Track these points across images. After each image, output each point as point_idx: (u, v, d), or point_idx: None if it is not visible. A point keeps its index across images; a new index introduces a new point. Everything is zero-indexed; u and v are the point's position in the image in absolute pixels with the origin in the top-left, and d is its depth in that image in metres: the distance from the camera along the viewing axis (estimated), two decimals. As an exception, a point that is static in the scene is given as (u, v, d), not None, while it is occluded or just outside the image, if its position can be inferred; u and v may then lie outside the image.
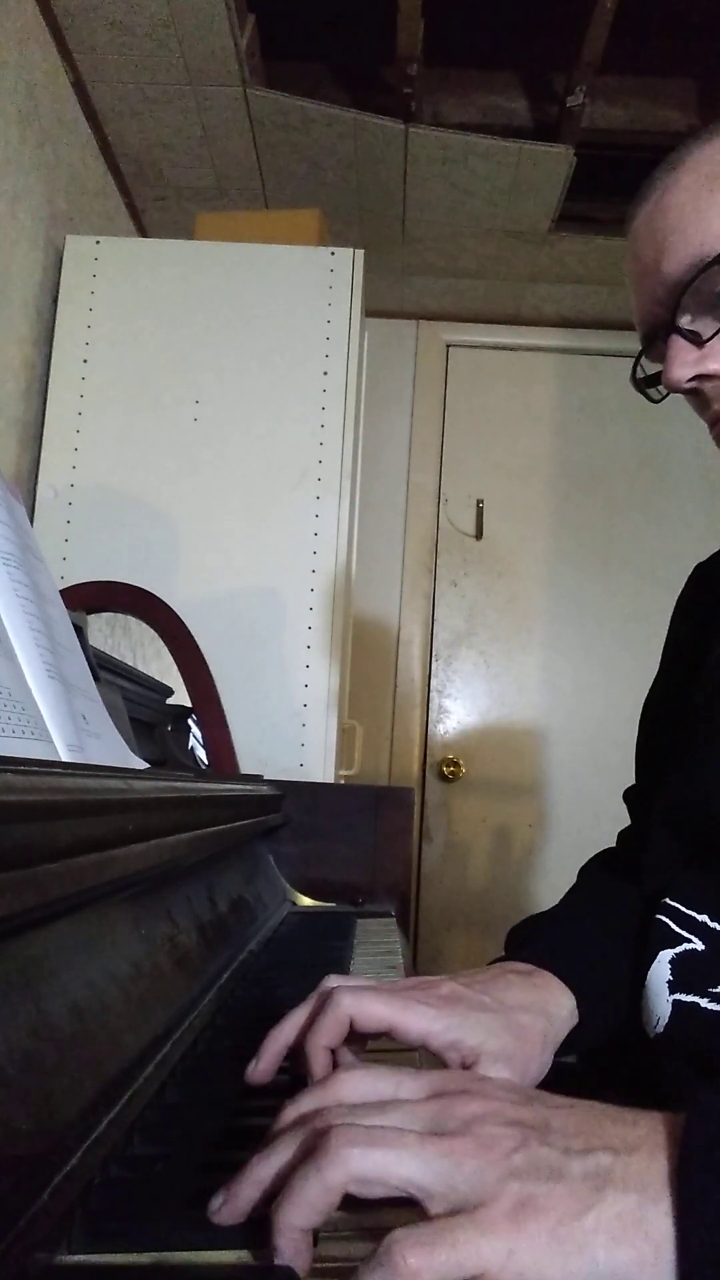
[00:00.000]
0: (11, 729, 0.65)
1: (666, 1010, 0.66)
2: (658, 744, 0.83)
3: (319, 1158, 0.37)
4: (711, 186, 0.65)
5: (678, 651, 0.85)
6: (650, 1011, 0.67)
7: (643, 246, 0.70)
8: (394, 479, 2.87)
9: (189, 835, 0.74)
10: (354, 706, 2.10)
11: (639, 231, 0.71)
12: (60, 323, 1.90)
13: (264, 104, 2.04)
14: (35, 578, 0.80)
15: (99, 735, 0.83)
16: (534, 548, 2.87)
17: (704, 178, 0.66)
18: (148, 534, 1.84)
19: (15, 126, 1.76)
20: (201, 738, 1.71)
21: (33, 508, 1.85)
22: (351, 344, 1.89)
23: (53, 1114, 0.42)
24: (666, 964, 0.66)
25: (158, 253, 1.96)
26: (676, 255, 0.67)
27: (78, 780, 0.52)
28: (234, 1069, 0.64)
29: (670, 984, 0.66)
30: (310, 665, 1.80)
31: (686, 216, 0.66)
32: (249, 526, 1.84)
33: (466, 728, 2.82)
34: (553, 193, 2.28)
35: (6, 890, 0.39)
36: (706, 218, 0.65)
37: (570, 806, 2.74)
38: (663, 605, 0.96)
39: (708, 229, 0.65)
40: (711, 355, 0.67)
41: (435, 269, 2.69)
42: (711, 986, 0.64)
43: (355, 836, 1.46)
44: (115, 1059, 0.52)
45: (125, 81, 1.99)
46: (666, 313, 0.68)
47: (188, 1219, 0.41)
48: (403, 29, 1.85)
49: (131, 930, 0.63)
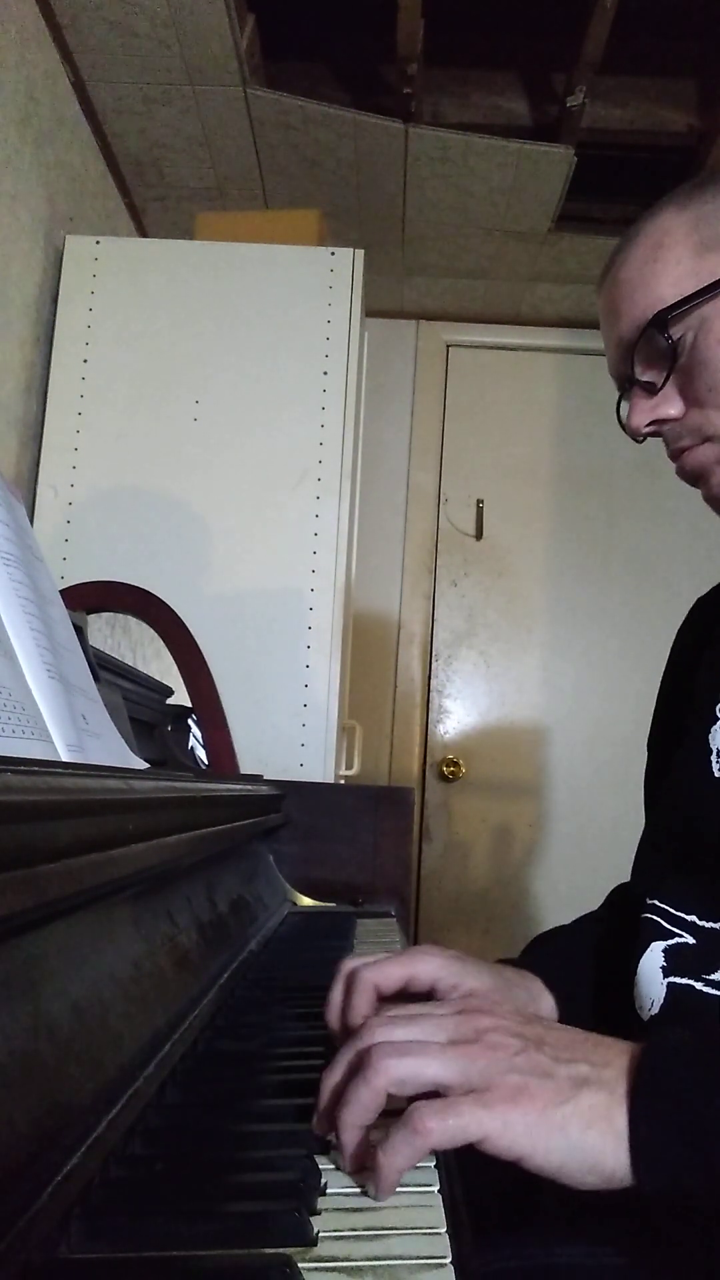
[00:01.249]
0: (11, 729, 0.65)
1: (661, 993, 0.71)
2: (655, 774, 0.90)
3: (365, 1069, 0.48)
4: (655, 256, 0.75)
5: (673, 683, 0.91)
6: (644, 996, 0.72)
7: (604, 314, 0.81)
8: (394, 479, 2.87)
9: (189, 835, 0.74)
10: (354, 706, 2.10)
11: (601, 301, 0.81)
12: (60, 323, 1.90)
13: (264, 104, 2.04)
14: (35, 578, 0.80)
15: (99, 735, 0.83)
16: (534, 548, 2.88)
17: (649, 248, 0.76)
18: (148, 534, 1.84)
19: (15, 126, 1.76)
20: (201, 738, 1.71)
21: (33, 508, 1.85)
22: (351, 344, 1.89)
23: (53, 1114, 0.42)
24: (660, 952, 0.72)
25: (158, 253, 1.96)
26: (628, 319, 0.77)
27: (78, 780, 0.52)
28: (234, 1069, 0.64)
29: (664, 969, 0.72)
30: (310, 665, 1.80)
31: (635, 286, 0.76)
32: (249, 526, 1.84)
33: (466, 728, 2.82)
34: (553, 193, 2.28)
35: (6, 890, 0.39)
36: (650, 285, 0.75)
37: (570, 806, 2.74)
38: (663, 605, 0.96)
39: (651, 294, 0.75)
40: (665, 402, 0.77)
41: (435, 269, 2.69)
42: (705, 973, 0.69)
43: (355, 836, 1.46)
44: (115, 1059, 0.52)
45: (125, 81, 1.99)
46: (627, 368, 0.78)
47: (187, 1218, 0.41)
48: (403, 29, 1.85)
49: (131, 930, 0.63)
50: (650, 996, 0.72)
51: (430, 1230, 0.44)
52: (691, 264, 0.74)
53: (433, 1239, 0.43)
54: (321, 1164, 0.49)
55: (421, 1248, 0.42)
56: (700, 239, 0.74)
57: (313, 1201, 0.45)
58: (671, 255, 0.75)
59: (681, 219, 0.75)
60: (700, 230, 0.74)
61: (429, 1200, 0.47)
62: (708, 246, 0.74)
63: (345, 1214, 0.45)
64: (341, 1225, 0.43)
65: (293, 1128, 0.53)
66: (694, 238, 0.74)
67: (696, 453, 0.77)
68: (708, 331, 0.73)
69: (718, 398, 0.73)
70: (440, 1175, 0.49)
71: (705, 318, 0.73)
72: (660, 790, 0.84)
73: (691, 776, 0.76)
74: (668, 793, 0.82)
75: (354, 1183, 0.47)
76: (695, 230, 0.74)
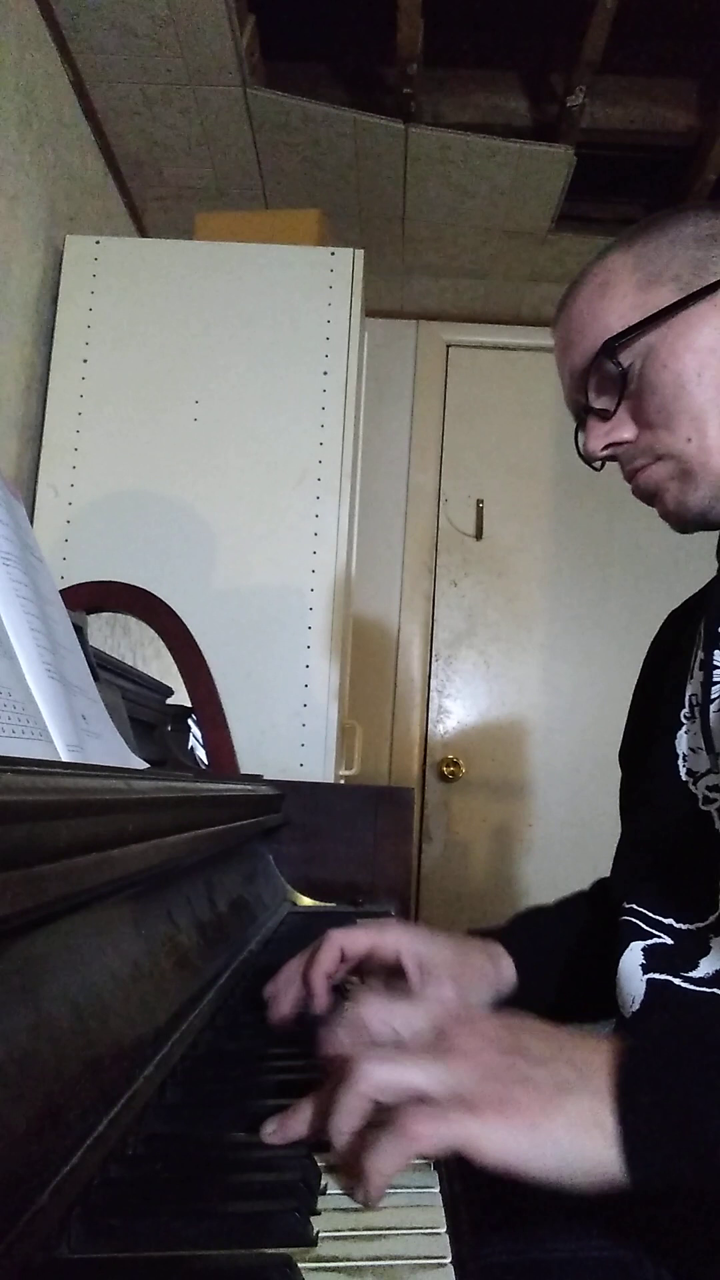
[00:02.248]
0: (11, 729, 0.65)
1: (641, 989, 0.75)
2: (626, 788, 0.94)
3: (350, 1075, 0.48)
4: (603, 293, 0.82)
5: (643, 696, 0.95)
6: (625, 993, 0.76)
7: (558, 350, 0.87)
8: (394, 479, 2.87)
9: (189, 835, 0.74)
10: (354, 706, 2.10)
11: (555, 338, 0.88)
12: (60, 323, 1.90)
13: (264, 104, 2.04)
14: (35, 578, 0.80)
15: (99, 735, 0.83)
16: (534, 548, 2.87)
17: (597, 286, 0.82)
18: (148, 534, 1.84)
19: (15, 126, 1.76)
20: (201, 738, 1.71)
21: (33, 508, 1.85)
22: (351, 344, 1.89)
23: (53, 1114, 0.42)
24: (639, 951, 0.76)
25: (158, 253, 1.95)
26: (579, 351, 0.83)
27: (78, 780, 0.52)
28: (234, 1069, 0.64)
29: (644, 966, 0.75)
30: (310, 665, 1.80)
31: (585, 320, 0.82)
32: (249, 526, 1.84)
33: (466, 728, 2.82)
34: (553, 193, 2.28)
35: (6, 890, 0.39)
36: (599, 318, 0.81)
37: (569, 806, 2.74)
38: (662, 606, 0.97)
39: (600, 325, 0.81)
40: (618, 426, 0.82)
41: (435, 269, 2.68)
42: (684, 971, 0.73)
43: (355, 836, 1.46)
44: (115, 1059, 0.52)
45: (125, 81, 1.99)
46: (581, 397, 0.84)
47: (187, 1217, 0.41)
48: (403, 29, 1.85)
49: (131, 930, 0.63)
50: (631, 993, 0.75)
51: (430, 1230, 0.44)
52: (635, 298, 0.80)
53: (432, 1239, 0.43)
54: (322, 1164, 0.49)
55: (421, 1248, 0.42)
56: (643, 275, 0.80)
57: (313, 1201, 0.45)
58: (617, 291, 0.81)
59: (625, 258, 0.82)
60: (642, 268, 0.80)
61: (429, 1200, 0.47)
62: (650, 281, 0.80)
63: (345, 1214, 0.45)
64: (341, 1225, 0.43)
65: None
66: (637, 275, 0.81)
67: (650, 471, 0.82)
68: (654, 358, 0.78)
69: (667, 419, 0.78)
70: (440, 1174, 0.49)
71: (651, 345, 0.78)
72: (633, 798, 0.88)
73: (662, 782, 0.80)
74: (640, 799, 0.85)
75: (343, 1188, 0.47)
76: (638, 268, 0.81)
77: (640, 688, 0.96)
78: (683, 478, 0.80)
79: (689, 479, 0.79)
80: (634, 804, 0.88)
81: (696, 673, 0.80)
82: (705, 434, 0.77)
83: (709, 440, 0.77)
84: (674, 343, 0.78)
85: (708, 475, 0.78)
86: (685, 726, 0.80)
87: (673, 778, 0.79)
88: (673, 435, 0.79)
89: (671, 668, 0.87)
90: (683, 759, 0.80)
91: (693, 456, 0.78)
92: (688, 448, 0.78)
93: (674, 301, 0.78)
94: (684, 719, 0.81)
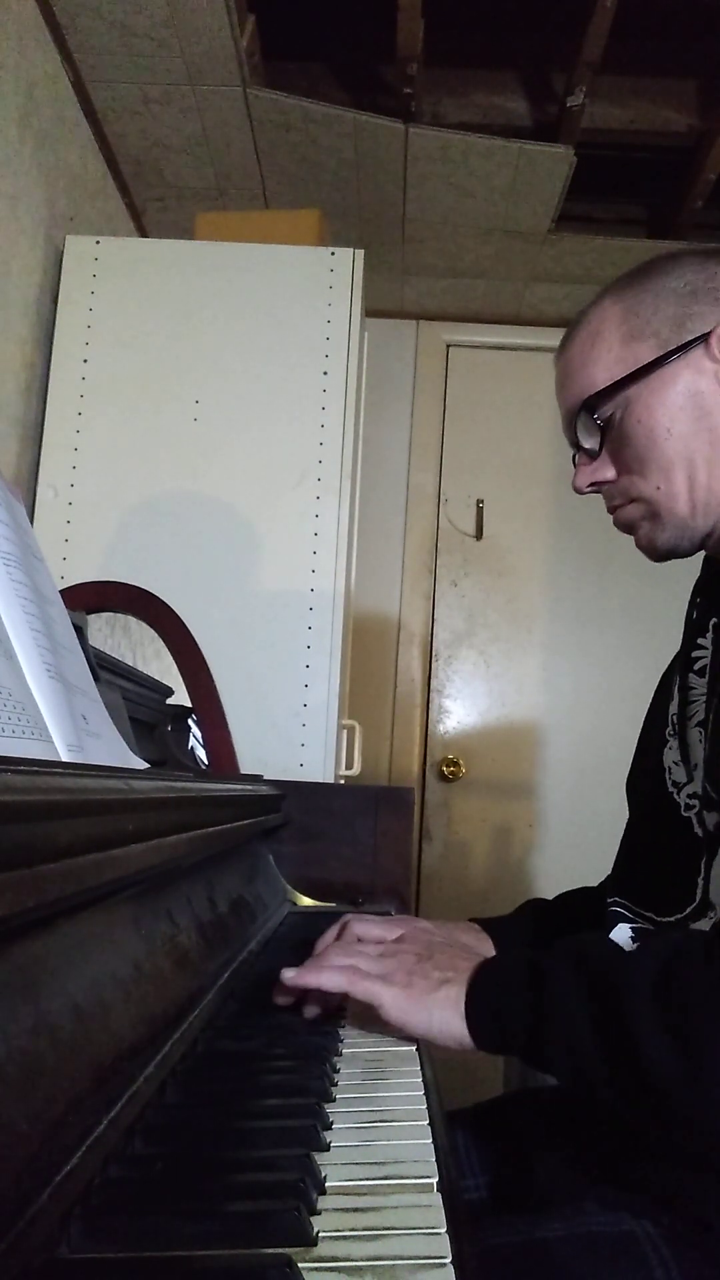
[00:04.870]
0: (11, 729, 0.65)
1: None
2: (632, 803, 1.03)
3: (324, 958, 0.77)
4: (594, 342, 0.88)
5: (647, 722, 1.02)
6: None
7: (557, 387, 0.94)
8: (394, 479, 2.87)
9: (189, 835, 0.74)
10: (354, 706, 2.10)
11: (556, 374, 0.94)
12: (60, 323, 1.90)
13: (264, 104, 2.04)
14: (35, 578, 0.80)
15: (99, 735, 0.83)
16: (534, 548, 2.87)
17: (588, 335, 0.89)
18: (148, 534, 1.84)
19: (15, 126, 1.76)
20: (201, 738, 1.71)
21: (33, 508, 1.85)
22: (351, 344, 1.89)
23: (53, 1114, 0.42)
24: (627, 928, 0.89)
25: (158, 253, 1.95)
26: (569, 396, 0.91)
27: (78, 780, 0.52)
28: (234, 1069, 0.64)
29: (632, 939, 0.88)
30: (310, 665, 1.80)
31: (575, 367, 0.90)
32: (249, 526, 1.84)
33: (466, 728, 2.82)
34: (553, 193, 2.28)
35: (6, 890, 0.39)
36: (587, 369, 0.88)
37: (570, 806, 2.74)
38: (662, 605, 0.98)
39: (586, 377, 0.88)
40: (602, 467, 0.90)
41: (435, 269, 2.68)
42: None
43: (355, 836, 1.46)
44: (115, 1059, 0.52)
45: (125, 81, 1.99)
46: (571, 434, 0.91)
47: (187, 1217, 0.41)
48: (403, 29, 1.85)
49: (131, 930, 0.63)
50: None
51: (430, 1230, 0.44)
52: (620, 351, 0.86)
53: (432, 1239, 0.43)
54: (321, 1163, 0.49)
55: (421, 1248, 0.42)
56: (629, 329, 0.86)
57: (313, 1201, 0.45)
58: (604, 343, 0.88)
59: (615, 309, 0.88)
60: (629, 321, 0.87)
61: (429, 1200, 0.47)
62: (634, 336, 0.86)
63: (345, 1214, 0.45)
64: (341, 1225, 0.43)
65: (293, 1127, 0.53)
66: (624, 328, 0.87)
67: (626, 510, 0.90)
68: (630, 412, 0.85)
69: (640, 466, 0.86)
70: (440, 1171, 0.50)
71: (629, 399, 0.85)
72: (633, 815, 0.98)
73: (651, 793, 0.90)
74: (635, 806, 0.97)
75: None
76: (625, 321, 0.87)
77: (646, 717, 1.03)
78: (652, 519, 0.88)
79: (657, 521, 0.88)
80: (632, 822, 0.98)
81: (676, 694, 0.90)
82: (672, 482, 0.85)
83: (675, 488, 0.85)
84: (648, 399, 0.84)
85: (673, 519, 0.86)
86: (669, 743, 0.90)
87: (661, 789, 0.88)
88: (645, 481, 0.86)
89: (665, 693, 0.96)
90: (669, 772, 0.89)
91: (660, 502, 0.86)
92: (656, 494, 0.86)
93: (651, 360, 0.84)
94: (668, 736, 0.90)
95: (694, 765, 0.85)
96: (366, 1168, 0.50)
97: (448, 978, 0.73)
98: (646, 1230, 0.65)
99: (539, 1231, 0.66)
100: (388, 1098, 0.62)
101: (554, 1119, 0.87)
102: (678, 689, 0.90)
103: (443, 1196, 0.47)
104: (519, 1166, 0.82)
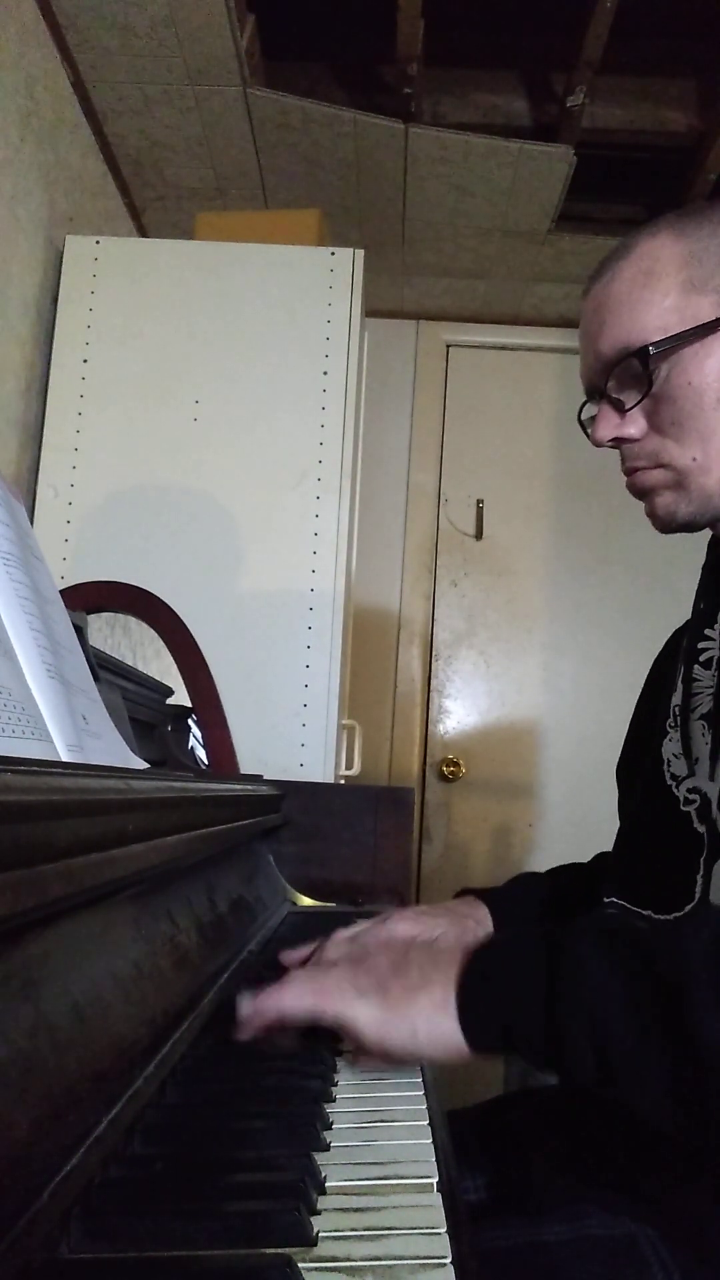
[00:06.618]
0: (11, 729, 0.65)
1: None
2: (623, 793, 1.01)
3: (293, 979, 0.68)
4: (646, 282, 0.79)
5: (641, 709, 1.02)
6: None
7: (588, 322, 0.85)
8: (394, 479, 2.87)
9: (189, 835, 0.74)
10: (354, 706, 2.10)
11: (587, 308, 0.85)
12: (60, 323, 1.90)
13: (264, 104, 2.04)
14: (35, 578, 0.80)
15: (99, 735, 0.83)
16: (534, 548, 2.87)
17: (641, 273, 0.80)
18: (148, 534, 1.84)
19: (15, 126, 1.76)
20: (201, 738, 1.71)
21: (33, 508, 1.85)
22: (351, 344, 1.89)
23: (53, 1114, 0.42)
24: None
25: (158, 253, 1.95)
26: (610, 337, 0.81)
27: (78, 780, 0.52)
28: (234, 1069, 0.64)
29: None
30: (310, 665, 1.80)
31: (621, 305, 0.80)
32: (249, 526, 1.84)
33: (466, 727, 2.82)
34: (553, 193, 2.28)
35: (6, 890, 0.39)
36: (636, 310, 0.79)
37: (570, 806, 2.74)
38: (662, 606, 0.98)
39: (635, 320, 0.79)
40: (629, 422, 0.82)
41: (435, 269, 2.68)
42: None
43: (355, 836, 1.46)
44: (115, 1059, 0.52)
45: (125, 81, 1.99)
46: (600, 380, 0.83)
47: (187, 1217, 0.41)
48: (403, 29, 1.85)
49: (131, 930, 0.63)
50: None
51: (430, 1230, 0.44)
52: (677, 300, 0.78)
53: (432, 1239, 0.43)
54: (321, 1163, 0.49)
55: (421, 1248, 0.42)
56: (689, 276, 0.79)
57: (313, 1201, 0.45)
58: (660, 286, 0.79)
59: (676, 249, 0.79)
60: (691, 267, 0.79)
61: (429, 1200, 0.47)
62: (695, 287, 0.78)
63: (345, 1214, 0.45)
64: (341, 1225, 0.43)
65: (293, 1127, 0.53)
66: (684, 273, 0.79)
67: (649, 474, 0.84)
68: (682, 371, 0.78)
69: (679, 431, 0.80)
70: (440, 1171, 0.50)
71: (682, 357, 0.78)
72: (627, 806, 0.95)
73: (650, 786, 0.86)
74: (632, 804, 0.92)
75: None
76: (686, 266, 0.79)
77: (640, 703, 1.02)
78: (677, 488, 0.82)
79: (682, 491, 0.82)
80: (627, 812, 0.94)
81: (679, 686, 0.86)
82: (709, 454, 0.79)
83: (711, 461, 0.79)
84: (704, 360, 0.78)
85: (701, 493, 0.81)
86: (670, 735, 0.86)
87: (659, 782, 0.85)
88: (680, 449, 0.80)
89: (664, 682, 0.92)
90: (667, 764, 0.85)
91: (691, 472, 0.81)
92: (690, 464, 0.80)
93: (713, 319, 0.77)
94: (669, 728, 0.87)
95: (695, 759, 0.82)
96: (366, 1168, 0.50)
97: (429, 978, 0.64)
98: (647, 1233, 0.65)
99: (539, 1233, 0.66)
100: (388, 1098, 0.62)
101: (554, 1119, 0.86)
102: (681, 680, 0.86)
103: (442, 1196, 0.47)
104: (519, 1167, 0.81)
